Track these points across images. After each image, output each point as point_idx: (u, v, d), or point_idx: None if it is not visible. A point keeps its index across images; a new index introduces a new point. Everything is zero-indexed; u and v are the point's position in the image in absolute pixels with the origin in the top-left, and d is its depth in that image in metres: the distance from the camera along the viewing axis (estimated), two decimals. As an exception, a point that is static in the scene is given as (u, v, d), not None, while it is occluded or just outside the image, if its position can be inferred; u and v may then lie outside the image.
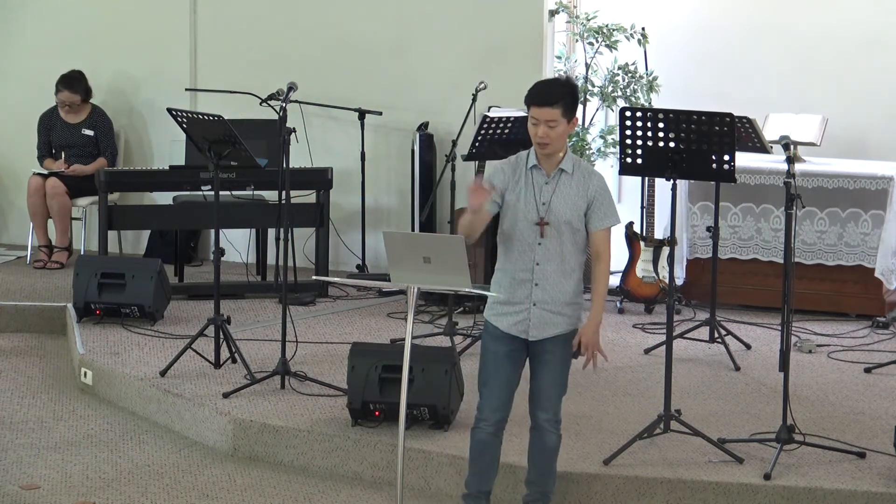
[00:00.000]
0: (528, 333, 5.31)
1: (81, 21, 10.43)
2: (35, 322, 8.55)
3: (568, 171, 5.28)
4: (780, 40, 9.47)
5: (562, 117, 5.19)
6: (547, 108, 5.18)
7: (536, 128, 5.21)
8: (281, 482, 6.14)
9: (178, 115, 7.32)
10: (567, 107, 5.20)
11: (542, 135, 5.20)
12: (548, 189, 5.27)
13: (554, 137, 5.21)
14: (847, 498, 5.59)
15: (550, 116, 5.18)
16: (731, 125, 5.97)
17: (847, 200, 8.46)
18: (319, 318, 8.43)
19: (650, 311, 8.66)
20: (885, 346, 7.89)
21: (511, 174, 5.33)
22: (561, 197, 5.27)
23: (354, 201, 9.71)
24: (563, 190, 5.27)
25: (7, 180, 10.71)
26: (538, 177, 5.30)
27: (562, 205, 5.26)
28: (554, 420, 5.37)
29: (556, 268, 5.27)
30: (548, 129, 5.19)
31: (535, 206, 5.27)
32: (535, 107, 5.20)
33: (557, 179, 5.28)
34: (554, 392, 5.35)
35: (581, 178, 5.28)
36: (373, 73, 9.74)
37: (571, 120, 5.24)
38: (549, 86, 5.27)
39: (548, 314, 5.29)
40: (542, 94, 5.22)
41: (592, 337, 5.29)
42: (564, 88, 5.24)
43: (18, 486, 6.02)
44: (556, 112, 5.18)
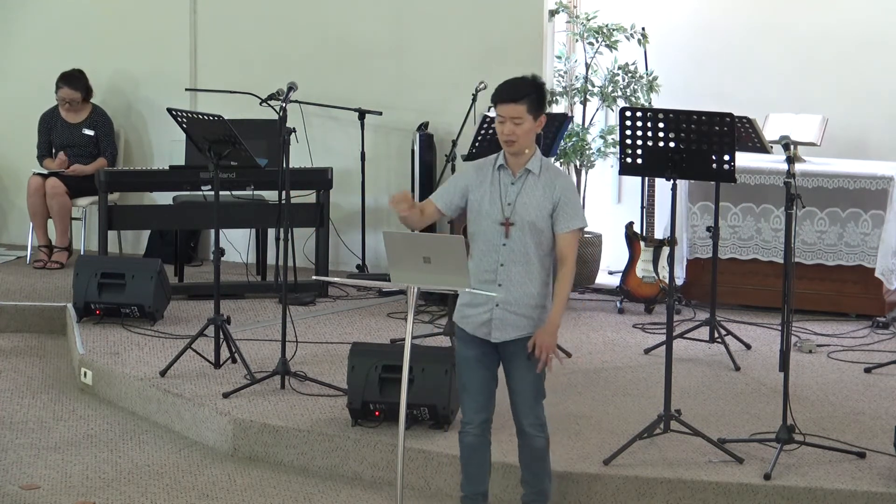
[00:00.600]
0: (490, 335, 5.29)
1: (81, 21, 10.43)
2: (35, 322, 8.55)
3: (534, 172, 5.26)
4: (780, 40, 9.47)
5: (528, 114, 5.18)
6: (512, 104, 5.18)
7: (503, 125, 5.20)
8: (281, 482, 6.14)
9: (178, 115, 7.32)
10: (533, 104, 5.19)
11: (508, 132, 5.20)
12: (513, 189, 5.25)
13: (520, 134, 5.20)
14: (847, 498, 5.59)
15: (516, 113, 5.18)
16: (731, 125, 5.97)
17: (847, 200, 8.46)
18: (319, 318, 8.43)
19: (650, 311, 8.66)
20: (885, 346, 7.90)
21: (475, 175, 5.32)
22: (526, 198, 5.24)
23: (354, 201, 9.71)
24: (528, 191, 5.24)
25: (7, 180, 10.71)
26: (504, 177, 5.28)
27: (527, 206, 5.23)
28: (537, 423, 5.35)
29: (520, 269, 5.24)
30: (514, 126, 5.18)
31: (501, 207, 5.25)
32: (502, 104, 5.20)
33: (524, 180, 5.26)
34: (529, 396, 5.32)
35: (548, 179, 5.25)
36: (373, 73, 9.75)
37: (538, 118, 5.23)
38: (516, 83, 5.26)
39: (511, 315, 5.26)
40: (508, 91, 5.22)
41: (547, 339, 5.20)
42: (531, 86, 5.23)
43: (18, 486, 6.02)
44: (522, 108, 5.17)
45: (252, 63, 9.95)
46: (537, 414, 5.35)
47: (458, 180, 5.37)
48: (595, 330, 8.25)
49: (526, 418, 5.34)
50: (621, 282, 8.72)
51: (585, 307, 8.83)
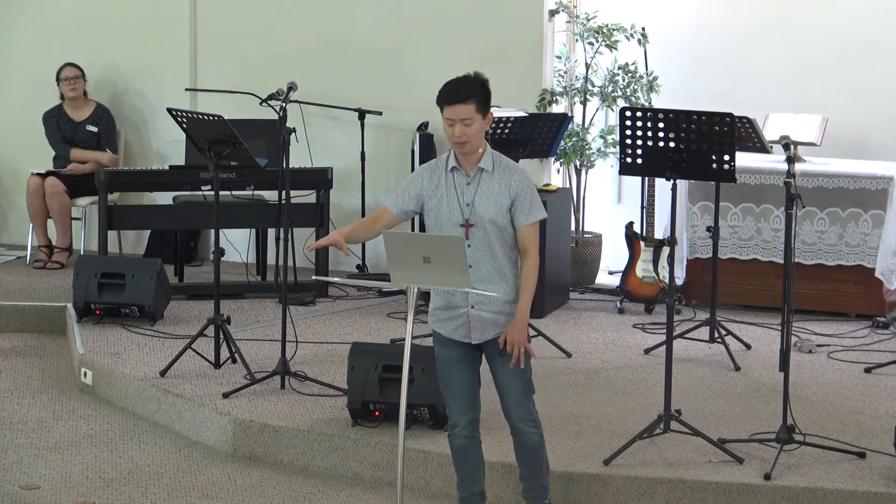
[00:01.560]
0: (469, 337, 5.29)
1: (81, 21, 10.43)
2: (35, 322, 8.55)
3: (488, 170, 5.25)
4: (780, 40, 9.47)
5: (476, 112, 5.17)
6: (459, 105, 5.15)
7: (452, 128, 5.18)
8: (281, 482, 6.14)
9: (178, 115, 7.32)
10: (480, 102, 5.18)
11: (458, 134, 5.18)
12: (470, 189, 5.25)
13: (472, 135, 5.18)
14: (847, 498, 5.59)
15: (465, 114, 5.15)
16: (731, 125, 5.97)
17: (847, 200, 8.46)
18: (319, 318, 8.43)
19: (650, 311, 8.66)
20: (885, 346, 7.89)
21: (429, 180, 5.31)
22: (483, 196, 5.23)
23: (354, 201, 9.71)
24: (484, 189, 5.24)
25: (7, 180, 10.71)
26: (459, 178, 5.27)
27: (485, 204, 5.22)
28: (528, 419, 5.35)
29: (488, 268, 5.23)
30: (464, 127, 5.17)
31: (459, 208, 5.24)
32: (448, 105, 5.17)
33: (478, 179, 5.25)
34: (518, 392, 5.32)
35: (502, 175, 5.24)
36: (373, 73, 9.75)
37: (486, 115, 5.22)
38: (459, 83, 5.22)
39: (488, 314, 5.26)
40: (452, 93, 5.19)
41: (517, 335, 5.19)
42: (475, 84, 5.21)
43: (18, 486, 6.02)
44: (470, 108, 5.16)
45: (252, 63, 9.95)
46: (528, 409, 5.35)
47: (410, 186, 5.35)
48: (595, 330, 8.25)
49: (516, 414, 5.34)
50: (621, 282, 8.72)
51: (585, 307, 8.83)
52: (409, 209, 5.35)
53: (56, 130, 9.91)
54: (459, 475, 5.47)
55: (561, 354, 7.57)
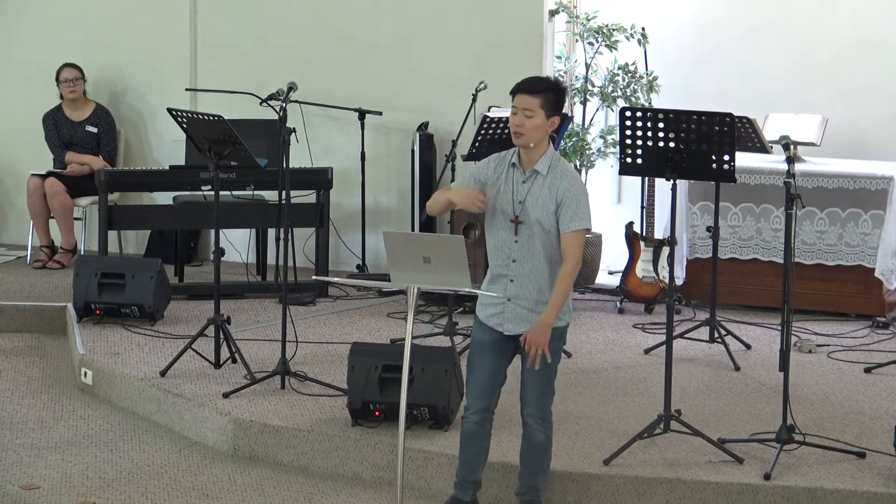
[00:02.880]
0: (503, 327, 5.37)
1: (81, 21, 10.43)
2: (35, 322, 8.55)
3: (542, 173, 5.31)
4: (780, 40, 9.47)
5: (540, 108, 5.23)
6: (527, 95, 5.23)
7: (514, 116, 5.27)
8: (281, 482, 6.14)
9: (178, 115, 7.32)
10: (549, 101, 5.24)
11: (517, 122, 5.25)
12: (524, 188, 5.33)
13: (529, 128, 5.24)
14: (847, 498, 5.59)
15: (528, 105, 5.22)
16: (731, 125, 5.97)
17: (847, 200, 8.46)
18: (319, 318, 8.43)
19: (650, 311, 8.66)
20: (885, 346, 7.89)
21: (493, 169, 5.40)
22: (534, 196, 5.31)
23: (354, 201, 9.71)
24: (536, 190, 5.31)
25: (7, 181, 10.71)
26: (517, 175, 5.35)
27: (534, 204, 5.30)
28: (539, 417, 5.41)
29: (530, 266, 5.32)
30: (524, 118, 5.23)
31: (512, 204, 5.33)
32: (517, 94, 5.27)
33: (533, 179, 5.32)
34: (535, 388, 5.38)
35: (553, 179, 5.30)
36: (373, 72, 9.74)
37: (552, 117, 5.27)
38: (537, 78, 5.36)
39: (522, 310, 5.35)
40: (526, 83, 5.29)
41: (536, 337, 5.26)
42: (551, 84, 5.31)
43: (18, 486, 6.02)
44: (536, 102, 5.22)
45: (252, 63, 9.95)
46: (540, 407, 5.40)
47: (477, 173, 5.43)
48: (595, 330, 8.25)
49: (528, 407, 5.41)
50: (621, 282, 8.72)
51: (585, 307, 8.83)
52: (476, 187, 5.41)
53: (54, 132, 9.91)
54: (461, 458, 5.55)
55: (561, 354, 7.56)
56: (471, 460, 5.52)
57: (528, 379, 5.40)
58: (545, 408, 5.42)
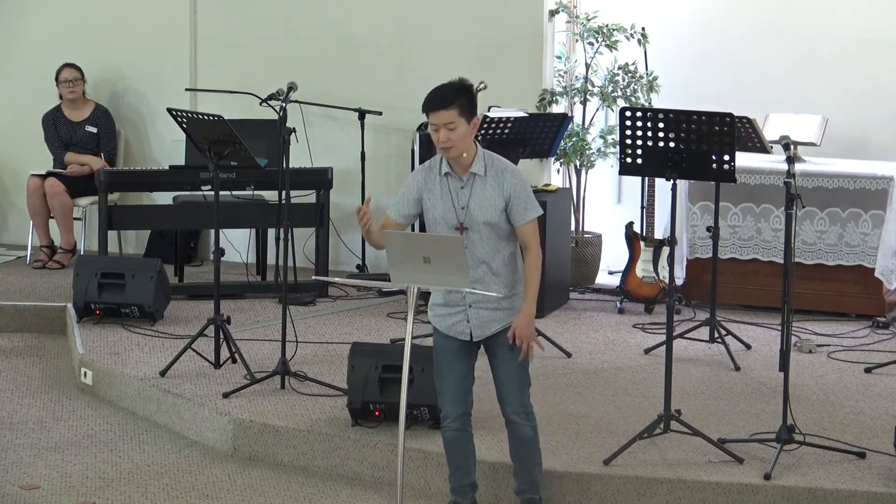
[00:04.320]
0: (469, 335, 5.37)
1: (81, 21, 10.43)
2: (35, 322, 8.55)
3: (480, 174, 5.32)
4: (780, 40, 9.47)
5: (460, 117, 5.23)
6: (442, 111, 5.22)
7: (437, 133, 5.25)
8: (281, 482, 6.14)
9: (178, 115, 7.32)
10: (464, 107, 5.24)
11: (444, 139, 5.24)
12: (464, 193, 5.32)
13: (456, 139, 5.24)
14: (847, 498, 5.59)
15: (448, 119, 5.22)
16: (731, 125, 5.96)
17: (847, 200, 8.46)
18: (319, 318, 8.43)
19: (650, 311, 8.66)
20: (885, 346, 7.89)
21: (424, 181, 5.39)
22: (477, 199, 5.30)
23: (354, 201, 9.70)
24: (478, 192, 5.31)
25: (7, 180, 10.71)
26: (452, 182, 5.35)
27: (479, 207, 5.30)
28: (522, 412, 5.42)
29: (484, 268, 5.32)
30: (448, 132, 5.23)
31: (455, 212, 5.33)
32: (433, 112, 5.24)
33: (472, 183, 5.32)
34: (513, 383, 5.39)
35: (495, 178, 5.31)
36: (373, 73, 9.74)
37: (472, 120, 5.28)
38: (444, 89, 5.29)
39: (486, 312, 5.35)
40: (437, 99, 5.26)
41: (525, 330, 5.27)
42: (458, 90, 5.28)
43: (18, 486, 6.02)
44: (454, 113, 5.22)
45: (252, 63, 9.95)
46: (522, 402, 5.42)
47: (408, 191, 5.42)
48: (595, 330, 8.25)
49: (510, 405, 5.42)
50: (621, 282, 8.72)
51: (585, 307, 8.83)
52: (411, 213, 5.42)
53: (54, 133, 9.91)
54: (451, 466, 5.56)
55: (561, 354, 7.57)
56: (461, 465, 5.54)
57: (505, 377, 5.40)
58: (526, 401, 5.44)
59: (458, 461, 5.53)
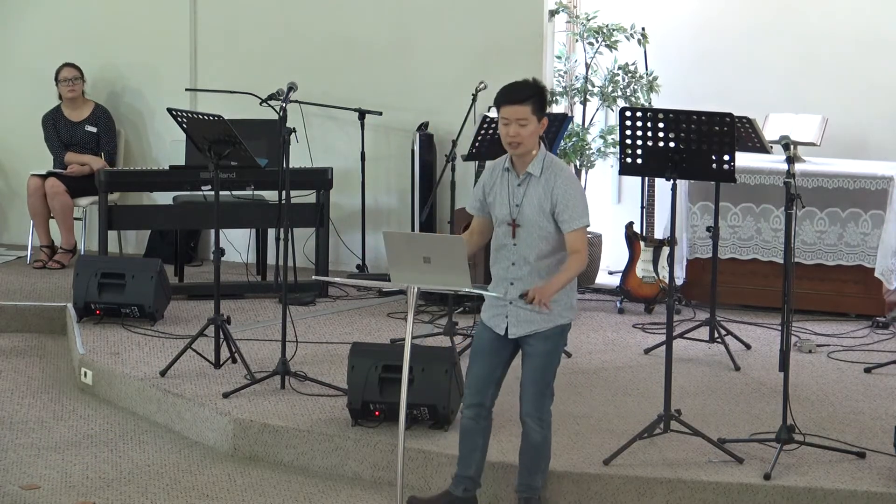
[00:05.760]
0: (506, 330, 5.42)
1: (81, 21, 10.43)
2: (35, 322, 8.55)
3: (535, 175, 5.35)
4: (780, 40, 9.47)
5: (532, 115, 5.27)
6: (517, 105, 5.27)
7: (507, 127, 5.30)
8: (281, 482, 6.14)
9: (178, 115, 7.32)
10: (537, 105, 5.29)
11: (513, 133, 5.28)
12: (519, 191, 5.38)
13: (525, 136, 5.29)
14: (847, 498, 5.59)
15: (521, 114, 5.26)
16: (731, 125, 5.96)
17: (847, 200, 8.46)
18: (319, 318, 8.43)
19: (650, 311, 8.66)
20: (885, 346, 7.89)
21: (489, 177, 5.48)
22: (529, 199, 5.35)
23: (354, 201, 9.71)
24: (531, 192, 5.36)
25: (7, 180, 10.71)
26: (511, 179, 5.41)
27: (530, 207, 5.35)
28: (536, 418, 5.45)
29: (529, 268, 5.37)
30: (519, 127, 5.28)
31: (509, 208, 5.38)
32: (506, 105, 5.29)
33: (527, 182, 5.37)
34: (532, 388, 5.43)
35: (547, 180, 5.35)
36: (373, 73, 9.75)
37: (542, 120, 5.32)
38: (519, 85, 5.35)
39: (524, 312, 5.39)
40: (512, 93, 5.31)
41: (542, 291, 5.27)
42: (534, 88, 5.34)
43: (18, 486, 6.02)
44: (527, 110, 5.26)
45: (252, 63, 9.95)
46: (537, 407, 5.44)
47: (477, 189, 5.54)
48: (595, 330, 8.25)
49: (524, 406, 5.46)
50: (621, 282, 8.72)
51: (585, 307, 8.82)
52: (483, 206, 5.50)
53: (54, 133, 9.91)
54: (460, 452, 5.61)
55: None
56: (465, 455, 5.59)
57: (525, 380, 5.45)
58: (543, 408, 5.45)
59: (463, 451, 5.58)
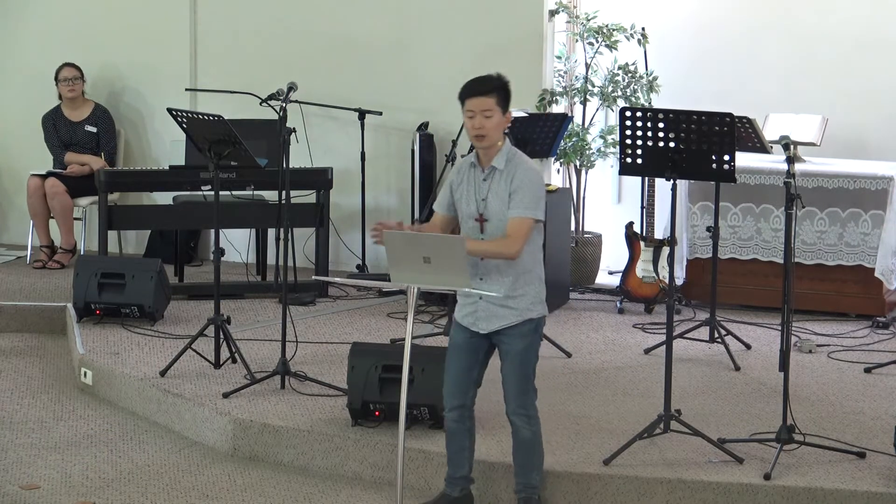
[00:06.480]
0: (477, 326, 5.43)
1: (81, 21, 10.44)
2: (35, 322, 8.55)
3: (500, 168, 5.38)
4: (780, 40, 9.47)
5: (496, 106, 5.32)
6: (482, 97, 5.31)
7: (473, 120, 5.33)
8: (281, 482, 6.14)
9: (178, 115, 7.32)
10: (501, 97, 5.34)
11: (478, 125, 5.32)
12: (485, 185, 5.41)
13: (490, 128, 5.32)
14: (847, 498, 5.59)
15: (486, 106, 5.30)
16: (731, 125, 5.96)
17: (847, 200, 8.46)
18: (319, 318, 8.43)
19: (650, 311, 8.66)
20: (885, 346, 7.89)
21: (456, 175, 5.52)
22: (494, 192, 5.38)
23: (354, 201, 9.71)
24: (496, 186, 5.38)
25: (7, 180, 10.71)
26: (477, 174, 5.44)
27: (495, 200, 5.37)
28: (522, 415, 5.45)
29: (498, 262, 5.37)
30: (484, 119, 5.31)
31: (476, 203, 5.40)
32: (471, 98, 5.34)
33: (492, 176, 5.39)
34: (514, 386, 5.43)
35: (509, 172, 5.37)
36: (373, 72, 9.75)
37: (506, 113, 5.36)
38: (483, 78, 5.40)
39: (493, 307, 5.39)
40: (476, 85, 5.36)
41: None
42: (498, 81, 5.39)
43: (18, 486, 6.02)
44: (491, 101, 5.31)
45: (252, 63, 9.95)
46: (522, 404, 5.44)
47: (446, 184, 5.55)
48: (595, 330, 8.25)
49: (510, 405, 5.47)
50: (621, 282, 8.72)
51: (585, 307, 8.83)
52: (451, 204, 5.52)
53: (53, 133, 9.91)
54: (448, 454, 5.62)
55: (561, 354, 7.57)
56: (454, 457, 5.60)
57: (507, 378, 5.45)
58: (527, 404, 5.45)
59: (451, 453, 5.60)
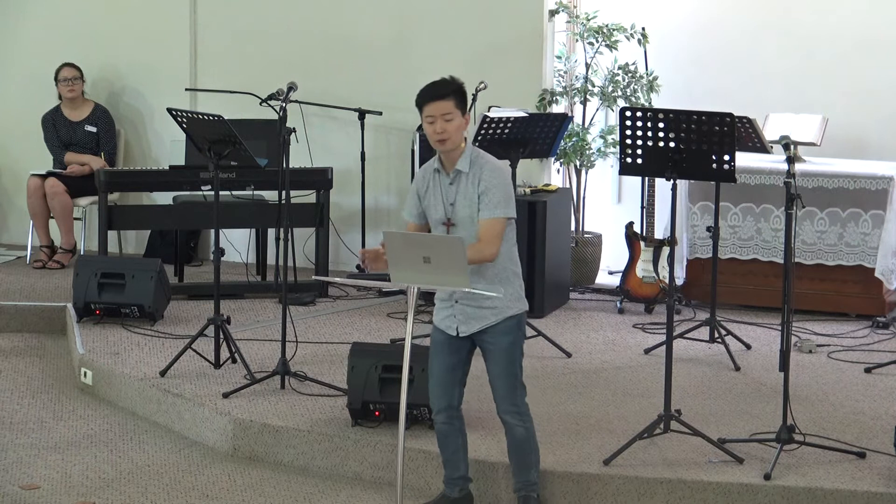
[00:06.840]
0: (456, 330, 5.44)
1: (81, 21, 10.43)
2: (35, 322, 8.55)
3: (465, 171, 5.37)
4: (780, 40, 9.47)
5: (455, 108, 5.31)
6: (440, 101, 5.30)
7: (433, 125, 5.32)
8: (281, 482, 6.14)
9: (178, 115, 7.32)
10: (458, 100, 5.34)
11: (440, 130, 5.31)
12: (452, 190, 5.40)
13: (452, 131, 5.31)
14: (847, 498, 5.59)
15: (445, 109, 5.29)
16: (731, 125, 5.96)
17: (847, 200, 8.46)
18: (319, 318, 8.43)
19: (650, 311, 8.66)
20: (885, 346, 7.89)
21: (422, 180, 5.50)
22: (462, 196, 5.38)
23: (354, 201, 9.71)
24: (462, 189, 5.38)
25: (7, 180, 10.71)
26: (442, 179, 5.43)
27: (463, 203, 5.37)
28: (514, 412, 5.45)
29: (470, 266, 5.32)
30: (444, 122, 5.30)
31: (444, 208, 5.41)
32: (429, 103, 5.32)
33: (458, 179, 5.39)
34: (503, 384, 5.44)
35: (475, 173, 5.36)
36: (373, 72, 9.75)
37: (465, 115, 5.36)
38: (439, 83, 5.38)
39: (470, 309, 5.40)
40: (433, 90, 5.35)
41: None
42: (454, 84, 5.39)
43: (18, 486, 6.03)
44: (450, 104, 5.30)
45: (252, 63, 9.95)
46: (513, 401, 5.45)
47: (412, 192, 5.54)
48: (595, 330, 8.25)
49: (500, 405, 5.47)
50: (621, 282, 8.72)
51: (585, 307, 8.83)
52: (421, 211, 5.51)
53: (53, 133, 9.92)
54: (442, 457, 5.63)
55: (561, 354, 7.57)
56: (449, 459, 5.60)
57: (492, 378, 5.45)
58: (518, 402, 5.46)
59: (446, 455, 5.60)
